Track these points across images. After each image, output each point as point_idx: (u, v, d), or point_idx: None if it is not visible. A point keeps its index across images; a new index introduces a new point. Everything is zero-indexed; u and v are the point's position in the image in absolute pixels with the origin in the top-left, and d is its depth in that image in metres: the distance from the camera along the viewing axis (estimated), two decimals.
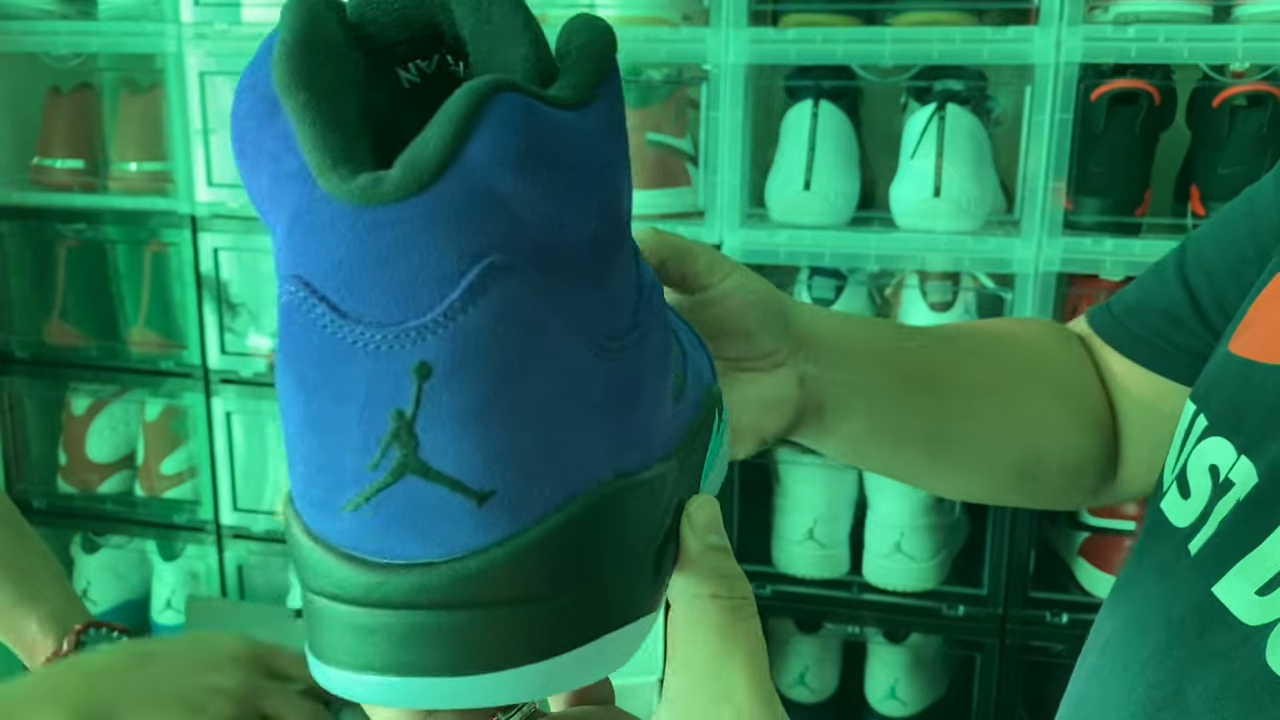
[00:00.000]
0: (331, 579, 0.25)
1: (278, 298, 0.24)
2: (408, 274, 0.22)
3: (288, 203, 0.23)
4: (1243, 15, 1.10)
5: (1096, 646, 0.48)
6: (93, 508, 1.55)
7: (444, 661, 0.24)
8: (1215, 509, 0.42)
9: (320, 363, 0.23)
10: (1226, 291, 0.52)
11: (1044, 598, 1.25)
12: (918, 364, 0.54)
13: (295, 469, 0.25)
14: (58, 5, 1.41)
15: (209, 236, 1.40)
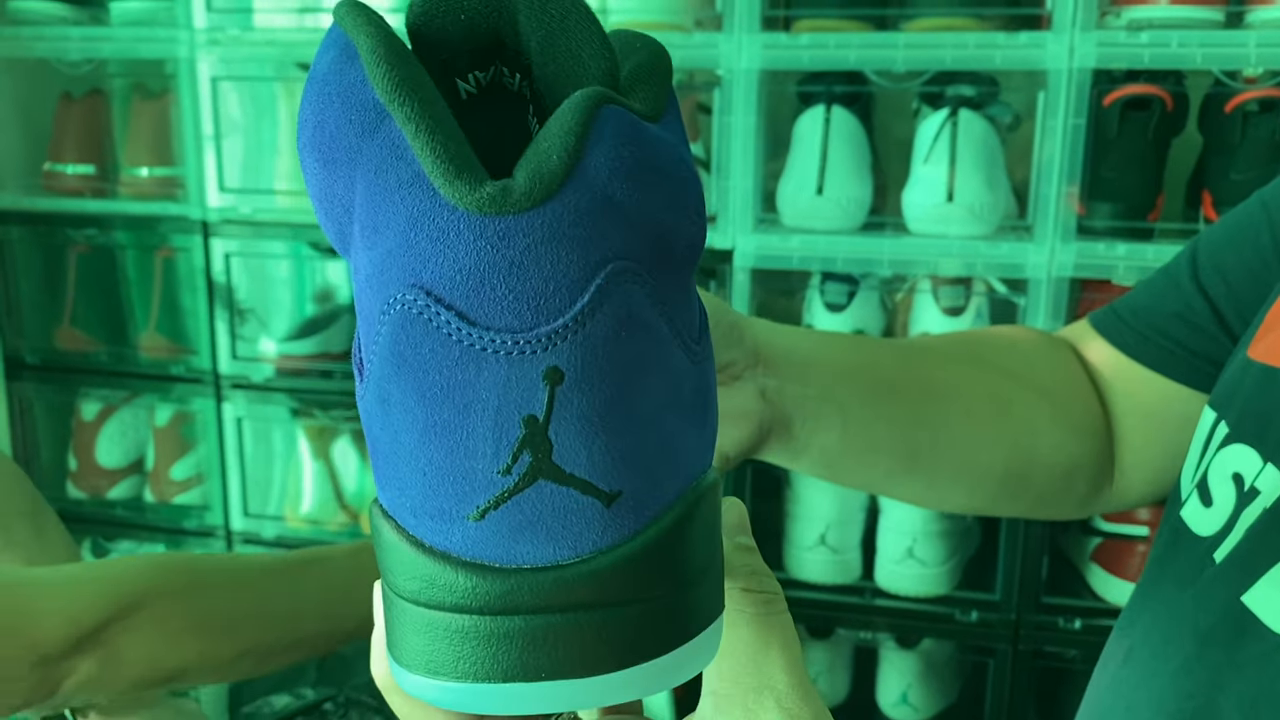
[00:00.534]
0: (455, 590, 0.25)
1: (386, 308, 0.23)
2: (538, 281, 0.23)
3: (400, 212, 0.23)
4: (1255, 21, 1.11)
5: (1117, 657, 0.48)
6: (102, 513, 1.54)
7: (579, 662, 0.25)
8: (1241, 517, 0.42)
9: (447, 371, 0.23)
10: (1246, 297, 0.52)
11: (1057, 603, 1.25)
12: (892, 372, 0.53)
13: (408, 482, 0.25)
14: (70, 11, 1.41)
15: (220, 242, 1.40)
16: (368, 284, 0.24)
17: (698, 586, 0.26)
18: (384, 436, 0.25)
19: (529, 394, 0.23)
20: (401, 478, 0.25)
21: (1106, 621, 1.23)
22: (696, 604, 0.26)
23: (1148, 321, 0.56)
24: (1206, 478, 0.45)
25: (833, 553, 1.29)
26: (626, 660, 0.25)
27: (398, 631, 0.26)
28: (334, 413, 1.44)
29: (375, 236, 0.23)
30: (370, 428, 0.25)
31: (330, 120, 0.24)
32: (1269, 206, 0.52)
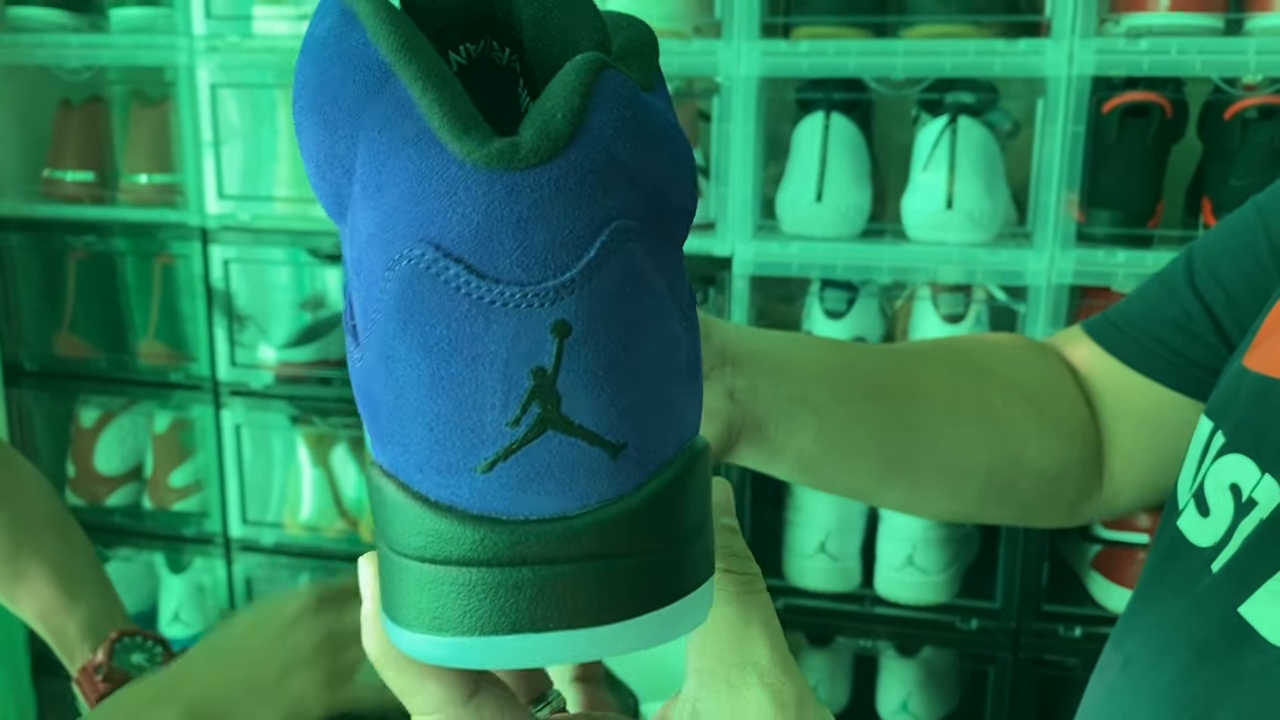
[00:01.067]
0: (462, 543, 0.25)
1: (391, 264, 0.23)
2: (546, 236, 0.23)
3: (406, 168, 0.23)
4: (1254, 28, 1.11)
5: (1114, 666, 0.48)
6: (101, 520, 1.54)
7: (585, 612, 0.25)
8: (1239, 528, 0.42)
9: (456, 324, 0.23)
10: (1243, 304, 0.51)
11: (1057, 611, 1.25)
12: (871, 375, 0.52)
13: (414, 438, 0.25)
14: (69, 19, 1.41)
15: (218, 249, 1.40)
16: (369, 243, 0.24)
17: (694, 543, 0.27)
18: (387, 394, 0.25)
19: (537, 346, 0.24)
20: (406, 434, 0.25)
21: (1107, 629, 1.23)
22: (694, 560, 0.27)
23: (1143, 329, 0.55)
24: (1204, 488, 0.45)
25: (832, 560, 1.29)
26: (630, 611, 0.25)
27: (399, 593, 0.26)
28: (333, 420, 1.44)
29: (379, 194, 0.24)
30: (369, 388, 0.25)
31: (333, 81, 0.24)
32: (1265, 213, 0.52)
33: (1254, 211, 0.53)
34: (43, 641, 0.76)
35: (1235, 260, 0.52)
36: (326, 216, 1.18)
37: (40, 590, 0.75)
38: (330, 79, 0.24)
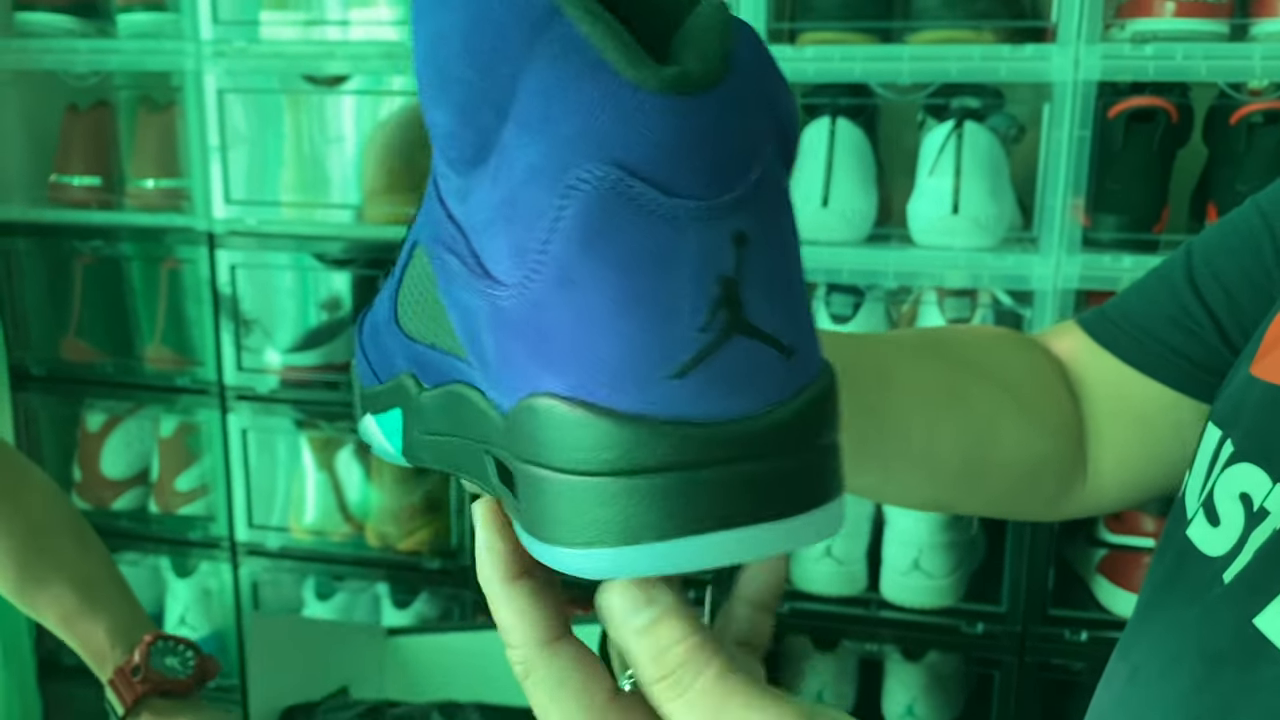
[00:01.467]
0: (656, 450, 0.26)
1: (570, 189, 0.25)
2: (719, 154, 0.25)
3: (584, 98, 0.25)
4: (1260, 34, 1.11)
5: (1122, 675, 0.47)
6: (107, 524, 1.54)
7: (766, 508, 0.27)
8: (1251, 538, 0.41)
9: (648, 238, 0.25)
10: (1247, 308, 0.51)
11: (1063, 615, 1.25)
12: (841, 360, 0.51)
13: (603, 354, 0.26)
14: (77, 24, 1.41)
15: (225, 253, 1.40)
16: (531, 176, 0.25)
17: (840, 450, 0.29)
18: (566, 318, 0.26)
19: (721, 255, 0.26)
20: (593, 352, 0.26)
21: (1113, 634, 1.23)
22: (839, 466, 0.29)
23: (1142, 325, 0.55)
24: (1213, 497, 0.44)
25: (838, 564, 1.29)
26: (801, 507, 0.27)
27: (576, 514, 0.27)
28: (339, 424, 1.44)
29: (546, 125, 0.25)
30: (535, 321, 0.26)
31: (490, 24, 0.26)
32: (1268, 215, 0.51)
33: (1255, 212, 0.52)
34: (48, 645, 0.77)
35: (1237, 260, 0.51)
36: (331, 222, 1.18)
37: (63, 597, 0.75)
38: (486, 23, 0.26)
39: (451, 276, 0.29)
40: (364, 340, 0.40)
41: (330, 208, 1.41)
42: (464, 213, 0.28)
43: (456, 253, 0.29)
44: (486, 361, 0.29)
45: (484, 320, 0.28)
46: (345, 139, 1.42)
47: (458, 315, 0.30)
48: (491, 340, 0.28)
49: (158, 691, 0.75)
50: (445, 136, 0.27)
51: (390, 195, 1.36)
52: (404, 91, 1.39)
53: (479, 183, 0.27)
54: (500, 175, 0.26)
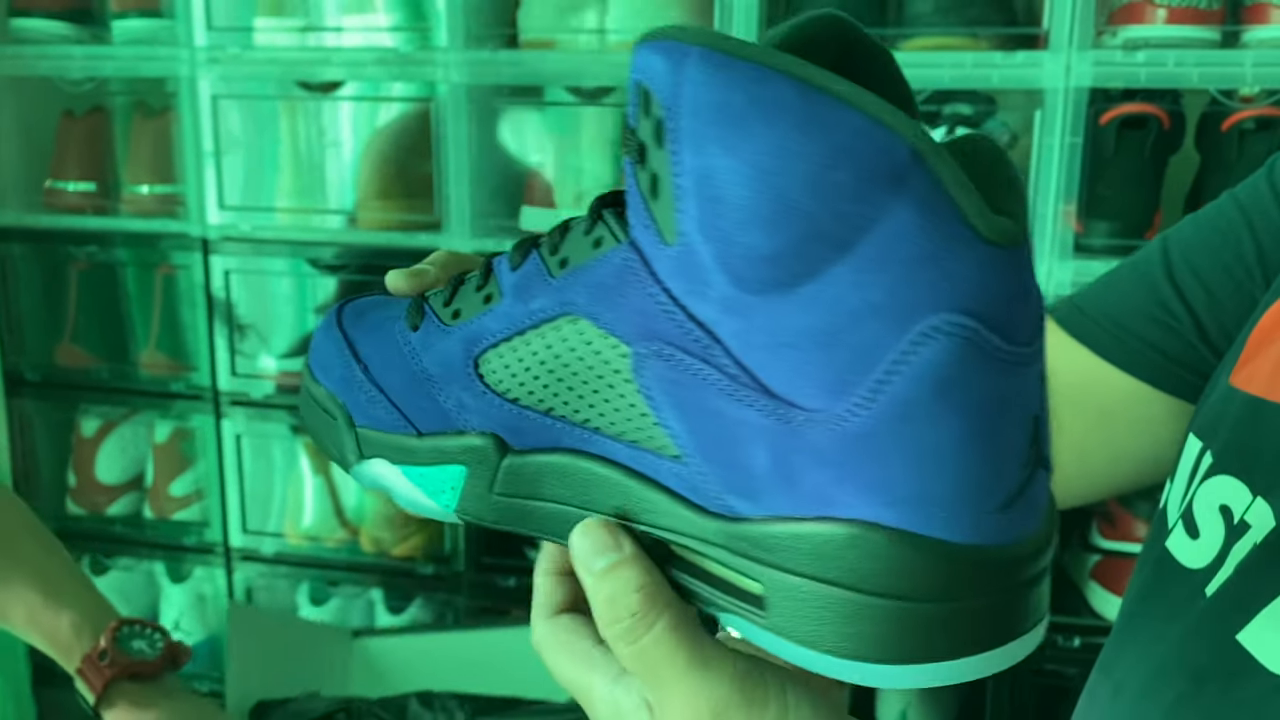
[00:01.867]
0: (984, 578, 0.29)
1: (925, 336, 0.27)
2: (1038, 301, 0.28)
3: (937, 247, 0.26)
4: (1251, 40, 1.11)
5: (1106, 690, 0.47)
6: (101, 530, 1.55)
7: (1035, 621, 0.31)
8: (1232, 552, 0.41)
9: (991, 384, 0.27)
10: (1228, 307, 0.50)
11: (1056, 621, 1.25)
12: None
13: (939, 489, 0.28)
14: (72, 30, 1.42)
15: (219, 259, 1.40)
16: (872, 313, 0.27)
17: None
18: (899, 452, 0.28)
19: (1035, 396, 0.29)
20: (927, 487, 0.28)
21: (1105, 640, 1.23)
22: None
23: (1117, 320, 0.54)
24: (1192, 508, 0.44)
25: None
26: (1043, 612, 0.31)
27: (876, 632, 0.29)
28: None
29: (900, 268, 0.27)
30: (849, 448, 0.28)
31: (851, 162, 0.26)
32: (1247, 211, 0.50)
33: (1234, 206, 0.51)
34: (44, 653, 0.77)
35: (1218, 258, 0.51)
36: (325, 228, 1.17)
37: (25, 595, 0.75)
38: (849, 159, 0.26)
39: (688, 381, 0.30)
40: (387, 384, 0.38)
41: (325, 214, 1.41)
42: (733, 327, 0.29)
43: (709, 360, 0.29)
44: (742, 471, 0.30)
45: (755, 433, 0.29)
46: (340, 145, 1.43)
47: (688, 417, 0.31)
48: (766, 455, 0.29)
49: (127, 675, 0.75)
50: (753, 257, 0.27)
51: (384, 201, 1.37)
52: (399, 98, 1.39)
53: (777, 306, 0.28)
54: (818, 305, 0.27)
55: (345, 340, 0.40)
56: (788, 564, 0.30)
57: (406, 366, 0.37)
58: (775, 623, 0.30)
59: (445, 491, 0.37)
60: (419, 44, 1.30)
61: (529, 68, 1.27)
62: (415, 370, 0.37)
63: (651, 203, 0.30)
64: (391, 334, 0.38)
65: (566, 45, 1.27)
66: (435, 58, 1.27)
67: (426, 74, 1.29)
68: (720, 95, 0.27)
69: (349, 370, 0.39)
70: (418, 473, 0.37)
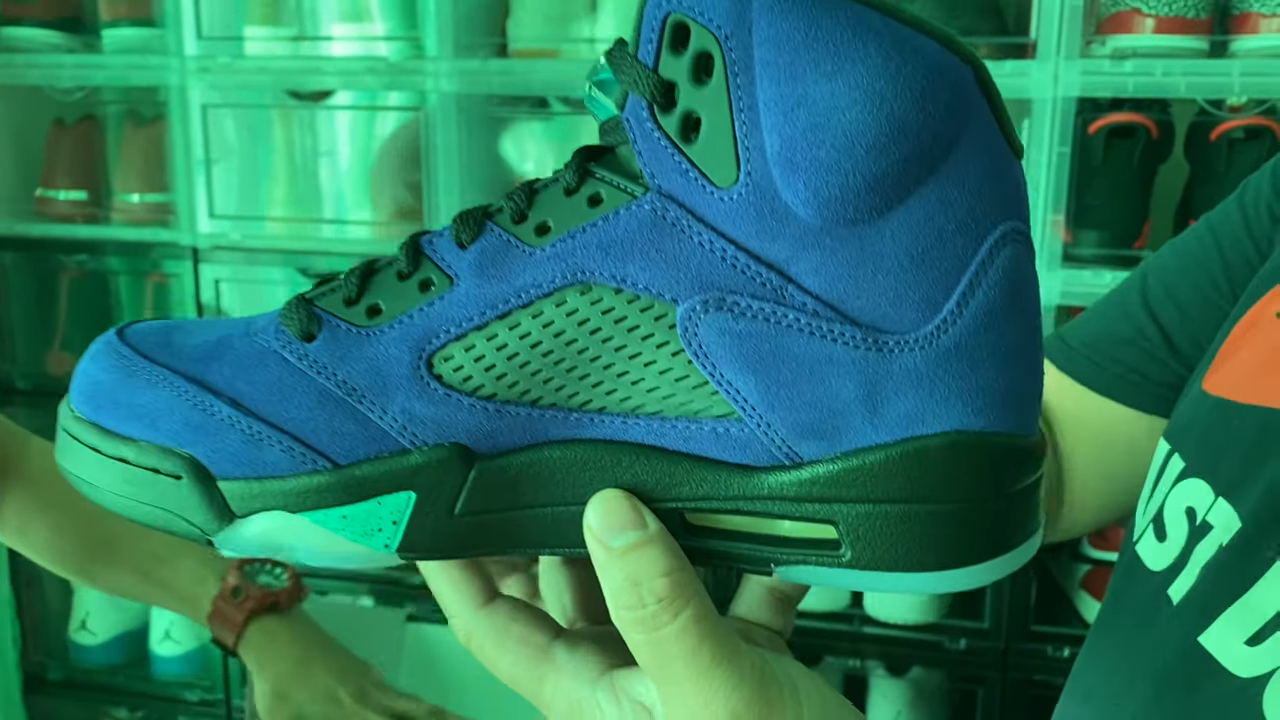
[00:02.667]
0: (1032, 463, 0.31)
1: (997, 242, 0.29)
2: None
3: (1001, 164, 0.30)
4: (1239, 50, 1.11)
5: (1078, 695, 0.47)
6: None
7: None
8: (1194, 553, 0.42)
9: (1035, 281, 0.32)
10: (1198, 322, 0.51)
11: (1046, 631, 1.25)
12: None
13: (1020, 385, 0.30)
14: (62, 39, 1.42)
15: (210, 268, 1.40)
16: (959, 230, 0.29)
17: None
18: (993, 357, 0.30)
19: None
20: (1013, 386, 0.30)
21: None
22: None
23: (1096, 347, 0.55)
24: (1162, 512, 0.45)
25: None
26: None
27: (977, 536, 0.30)
28: None
29: (980, 184, 0.29)
30: (941, 365, 0.29)
31: (947, 79, 0.28)
32: (1218, 234, 0.52)
33: (1207, 230, 0.53)
34: (34, 661, 0.77)
35: (1189, 277, 0.52)
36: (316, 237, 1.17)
37: (135, 561, 0.77)
38: (945, 76, 0.28)
39: (758, 329, 0.29)
40: (282, 415, 0.31)
41: (316, 223, 1.41)
42: (812, 262, 0.29)
43: (783, 301, 0.29)
44: (822, 410, 0.30)
45: (841, 368, 0.29)
46: (332, 154, 1.43)
47: (757, 366, 0.29)
48: (853, 387, 0.29)
49: (263, 608, 0.75)
50: (855, 185, 0.28)
51: (377, 211, 1.37)
52: (390, 107, 1.39)
53: (867, 233, 0.28)
54: (909, 227, 0.28)
55: (175, 374, 0.32)
56: (873, 494, 0.30)
57: (311, 386, 0.31)
58: (857, 557, 0.30)
59: (381, 530, 0.31)
60: (409, 53, 1.30)
61: (519, 77, 1.27)
62: (324, 389, 0.31)
63: (687, 147, 0.29)
64: (264, 352, 0.32)
65: (570, 54, 1.27)
66: (425, 67, 1.27)
67: (416, 83, 1.29)
68: (807, 23, 0.27)
69: (199, 411, 0.31)
70: (337, 515, 0.31)
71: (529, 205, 0.31)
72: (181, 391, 0.32)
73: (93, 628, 1.56)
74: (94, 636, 1.57)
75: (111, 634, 1.58)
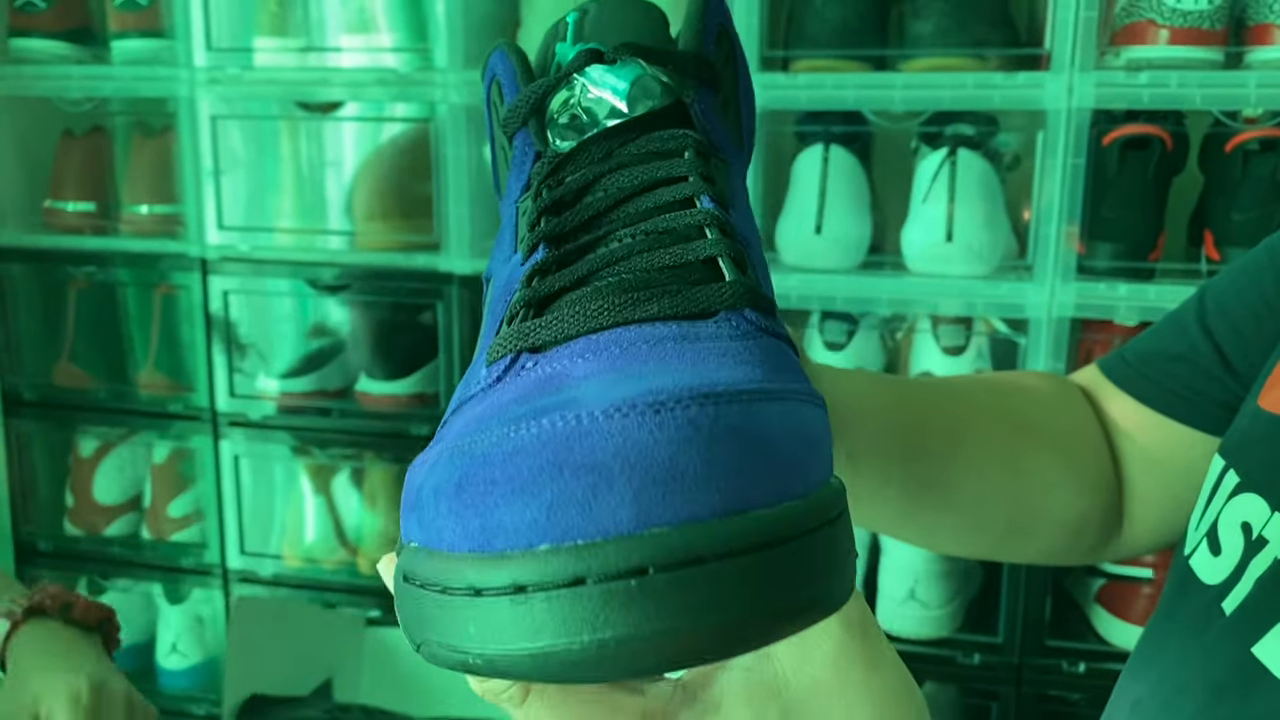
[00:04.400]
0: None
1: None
2: None
3: None
4: (1254, 61, 1.10)
5: (1124, 707, 0.47)
6: (99, 550, 1.54)
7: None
8: (1249, 567, 0.42)
9: None
10: (1251, 339, 0.52)
11: (1060, 646, 1.24)
12: (912, 424, 0.52)
13: None
14: (71, 50, 1.42)
15: (218, 279, 1.40)
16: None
17: None
18: None
19: None
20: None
21: (1110, 665, 1.22)
22: None
23: (1153, 365, 0.56)
24: (1216, 526, 0.45)
25: None
26: None
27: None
28: (331, 450, 1.43)
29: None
30: None
31: None
32: (1274, 252, 0.53)
33: (1265, 250, 0.54)
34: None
35: (1243, 297, 0.53)
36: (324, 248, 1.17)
37: None
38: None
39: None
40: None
41: (324, 234, 1.41)
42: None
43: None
44: None
45: None
46: (340, 165, 1.42)
47: None
48: None
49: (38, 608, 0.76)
50: (751, 145, 0.42)
51: (384, 222, 1.36)
52: (399, 118, 1.39)
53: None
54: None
55: None
56: None
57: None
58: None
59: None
60: (419, 65, 1.30)
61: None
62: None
63: (727, 120, 0.37)
64: None
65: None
66: (434, 78, 1.27)
67: (425, 94, 1.28)
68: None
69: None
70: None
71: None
72: None
73: None
74: None
75: (118, 648, 1.57)
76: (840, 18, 1.17)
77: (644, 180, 0.34)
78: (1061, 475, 0.56)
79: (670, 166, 0.34)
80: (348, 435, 1.41)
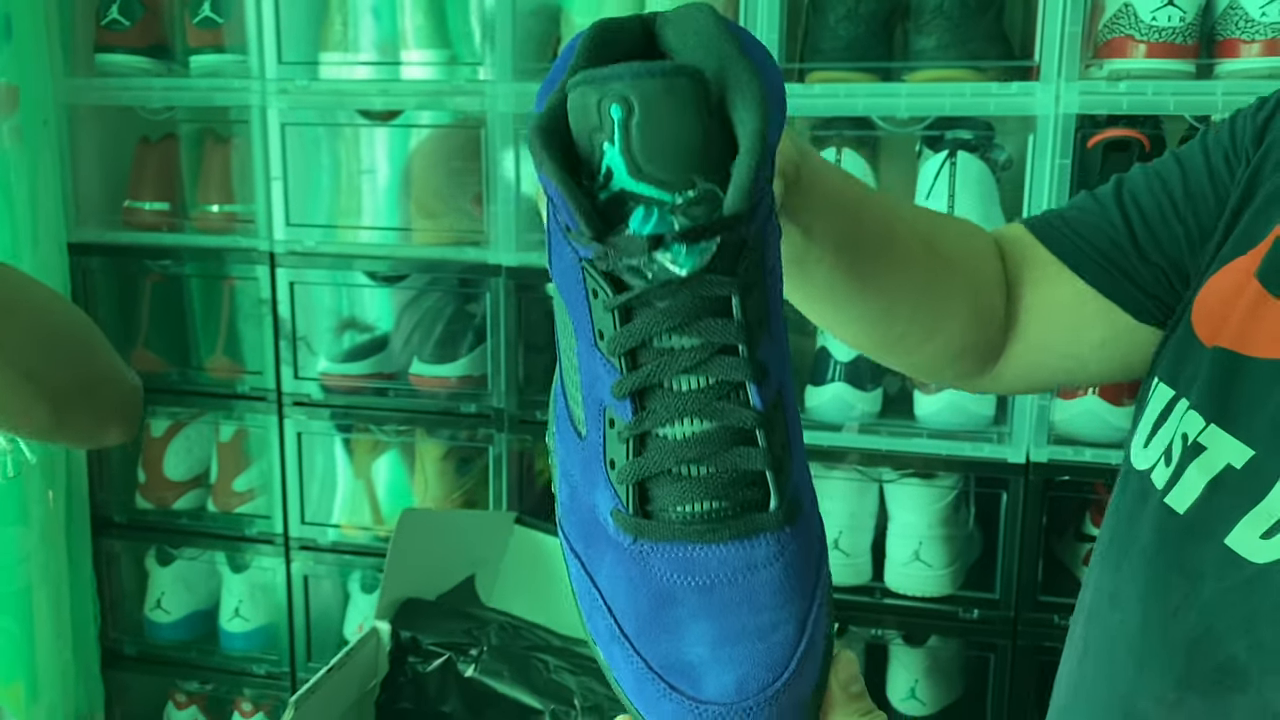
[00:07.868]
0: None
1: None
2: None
3: None
4: (1223, 72, 1.22)
5: (1104, 599, 0.55)
6: (168, 522, 1.66)
7: None
8: (1189, 469, 0.50)
9: None
10: (1161, 237, 0.60)
11: (1052, 602, 1.35)
12: (860, 210, 0.57)
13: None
14: (151, 64, 1.55)
15: (283, 271, 1.52)
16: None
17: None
18: None
19: None
20: None
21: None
22: None
23: (1073, 228, 0.62)
24: (1171, 446, 0.52)
25: (845, 556, 1.40)
26: None
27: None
28: (387, 428, 1.56)
29: None
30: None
31: None
32: (1185, 167, 0.61)
33: (1175, 162, 0.62)
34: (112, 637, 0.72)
35: (1155, 199, 0.61)
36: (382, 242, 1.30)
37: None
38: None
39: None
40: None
41: (381, 230, 1.53)
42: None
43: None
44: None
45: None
46: (396, 168, 1.55)
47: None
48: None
49: None
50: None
51: (433, 220, 1.49)
52: (452, 125, 1.51)
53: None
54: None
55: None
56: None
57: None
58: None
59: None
60: (470, 76, 1.43)
61: None
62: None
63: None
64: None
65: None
66: (484, 89, 1.40)
67: (475, 104, 1.41)
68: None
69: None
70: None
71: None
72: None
73: (167, 606, 1.68)
74: (168, 615, 1.69)
75: (184, 612, 1.70)
76: (851, 33, 1.30)
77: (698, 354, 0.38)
78: (963, 304, 0.62)
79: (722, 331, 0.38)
80: (401, 414, 1.53)
